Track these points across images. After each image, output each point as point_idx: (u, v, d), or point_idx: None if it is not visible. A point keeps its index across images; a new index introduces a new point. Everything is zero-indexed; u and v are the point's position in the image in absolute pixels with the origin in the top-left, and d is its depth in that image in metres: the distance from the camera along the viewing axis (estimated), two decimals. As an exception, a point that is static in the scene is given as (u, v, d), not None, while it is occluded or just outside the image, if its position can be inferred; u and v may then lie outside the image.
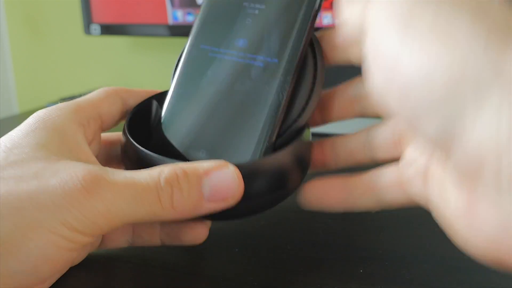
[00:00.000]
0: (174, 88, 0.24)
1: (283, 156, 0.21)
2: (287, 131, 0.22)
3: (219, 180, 0.18)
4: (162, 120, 0.23)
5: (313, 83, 0.22)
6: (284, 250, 0.24)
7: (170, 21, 0.58)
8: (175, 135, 0.23)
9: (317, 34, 0.23)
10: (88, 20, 0.61)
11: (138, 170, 0.18)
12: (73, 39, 0.79)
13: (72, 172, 0.16)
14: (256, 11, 0.23)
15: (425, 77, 0.14)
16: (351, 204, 0.23)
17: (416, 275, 0.22)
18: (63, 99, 0.58)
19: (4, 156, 0.17)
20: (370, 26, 0.17)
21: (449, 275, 0.22)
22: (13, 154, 0.17)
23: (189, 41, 0.24)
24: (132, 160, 0.22)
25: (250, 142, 0.21)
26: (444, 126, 0.14)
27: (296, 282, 0.21)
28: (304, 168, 0.23)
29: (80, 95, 0.66)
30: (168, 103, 0.24)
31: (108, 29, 0.61)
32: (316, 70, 0.22)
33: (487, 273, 0.22)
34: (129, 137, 0.21)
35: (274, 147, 0.21)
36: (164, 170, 0.18)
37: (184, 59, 0.24)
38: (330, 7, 0.48)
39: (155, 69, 0.77)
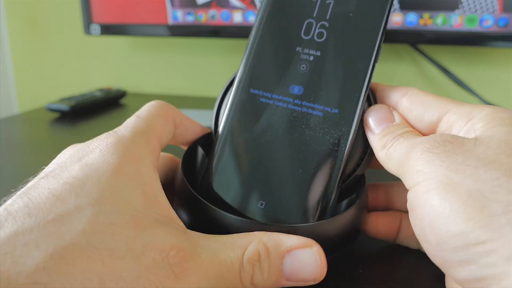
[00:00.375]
0: (222, 135, 0.22)
1: (353, 213, 0.21)
2: (346, 181, 0.22)
3: (300, 260, 0.18)
4: (210, 169, 0.22)
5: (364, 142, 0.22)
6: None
7: (170, 21, 0.58)
8: (226, 185, 0.21)
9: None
10: (88, 20, 0.61)
11: (220, 238, 0.18)
12: (73, 39, 0.79)
13: (162, 250, 0.16)
14: (311, 58, 0.22)
15: (460, 236, 0.15)
16: (401, 240, 0.24)
17: (416, 275, 0.22)
18: (63, 99, 0.58)
19: (93, 213, 0.16)
20: (412, 181, 0.18)
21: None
22: (103, 212, 0.16)
23: (236, 84, 0.23)
24: (204, 220, 0.20)
25: (314, 196, 0.21)
26: (475, 275, 0.15)
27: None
28: (365, 214, 0.23)
29: (80, 95, 0.66)
30: (217, 151, 0.22)
31: (108, 29, 0.61)
32: None
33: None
34: (204, 200, 0.20)
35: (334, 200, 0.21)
36: (249, 248, 0.17)
37: (232, 103, 0.23)
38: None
39: (155, 69, 0.77)
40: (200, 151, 0.24)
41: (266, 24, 0.23)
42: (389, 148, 0.20)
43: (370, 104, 0.22)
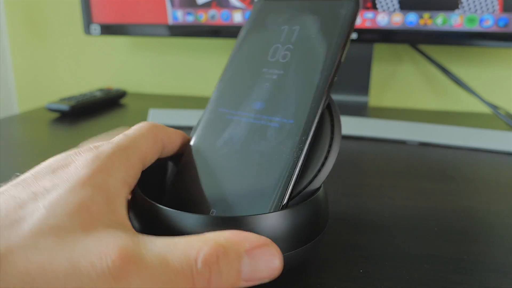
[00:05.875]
0: (188, 150, 0.24)
1: (285, 215, 0.20)
2: (302, 192, 0.21)
3: (259, 261, 0.17)
4: (175, 180, 0.24)
5: (330, 145, 0.22)
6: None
7: (170, 21, 0.58)
8: (187, 194, 0.23)
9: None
10: (88, 20, 0.61)
11: (172, 240, 0.17)
12: (73, 39, 0.79)
13: (103, 251, 0.16)
14: (275, 76, 0.23)
15: None
16: None
17: (416, 275, 0.22)
18: (63, 99, 0.58)
19: (44, 215, 0.16)
20: None
21: (448, 275, 0.22)
22: (54, 215, 0.16)
23: (208, 106, 0.25)
24: (148, 219, 0.20)
25: (262, 203, 0.20)
26: None
27: (296, 282, 0.21)
28: (315, 226, 0.21)
29: (80, 95, 0.66)
30: (182, 163, 0.24)
31: (108, 29, 0.61)
32: (333, 131, 0.22)
33: (486, 273, 0.22)
34: (150, 200, 0.20)
35: (286, 207, 0.20)
36: (204, 249, 0.16)
37: (202, 121, 0.25)
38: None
39: (155, 69, 0.77)
40: (170, 164, 0.25)
41: (240, 51, 0.26)
42: None
43: (331, 115, 0.22)
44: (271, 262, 0.17)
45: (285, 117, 0.22)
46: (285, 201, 0.20)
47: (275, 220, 0.19)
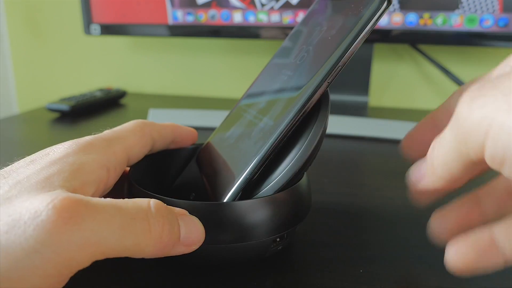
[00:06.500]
0: (208, 139, 0.27)
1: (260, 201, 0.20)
2: (266, 188, 0.21)
3: (189, 223, 0.18)
4: (188, 165, 0.27)
5: (302, 144, 0.21)
6: (284, 250, 0.24)
7: (170, 21, 0.58)
8: (189, 178, 0.26)
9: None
10: (88, 20, 0.61)
11: (123, 199, 0.17)
12: (73, 39, 0.79)
13: (48, 198, 0.15)
14: (285, 77, 0.23)
15: None
16: None
17: (416, 275, 0.22)
18: (63, 99, 0.58)
19: (6, 191, 0.16)
20: None
21: (448, 275, 0.22)
22: (15, 189, 0.16)
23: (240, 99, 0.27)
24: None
25: (224, 195, 0.21)
26: None
27: (296, 282, 0.21)
28: (266, 223, 0.21)
29: (80, 95, 0.66)
30: (199, 151, 0.27)
31: (108, 29, 0.61)
32: (310, 138, 0.21)
33: (486, 273, 0.22)
34: (133, 182, 0.22)
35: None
36: (152, 201, 0.17)
37: (228, 113, 0.27)
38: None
39: (155, 69, 0.77)
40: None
41: (280, 49, 0.26)
42: None
43: (317, 117, 0.21)
44: (198, 225, 0.19)
45: (270, 118, 0.22)
46: (237, 197, 0.21)
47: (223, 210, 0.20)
